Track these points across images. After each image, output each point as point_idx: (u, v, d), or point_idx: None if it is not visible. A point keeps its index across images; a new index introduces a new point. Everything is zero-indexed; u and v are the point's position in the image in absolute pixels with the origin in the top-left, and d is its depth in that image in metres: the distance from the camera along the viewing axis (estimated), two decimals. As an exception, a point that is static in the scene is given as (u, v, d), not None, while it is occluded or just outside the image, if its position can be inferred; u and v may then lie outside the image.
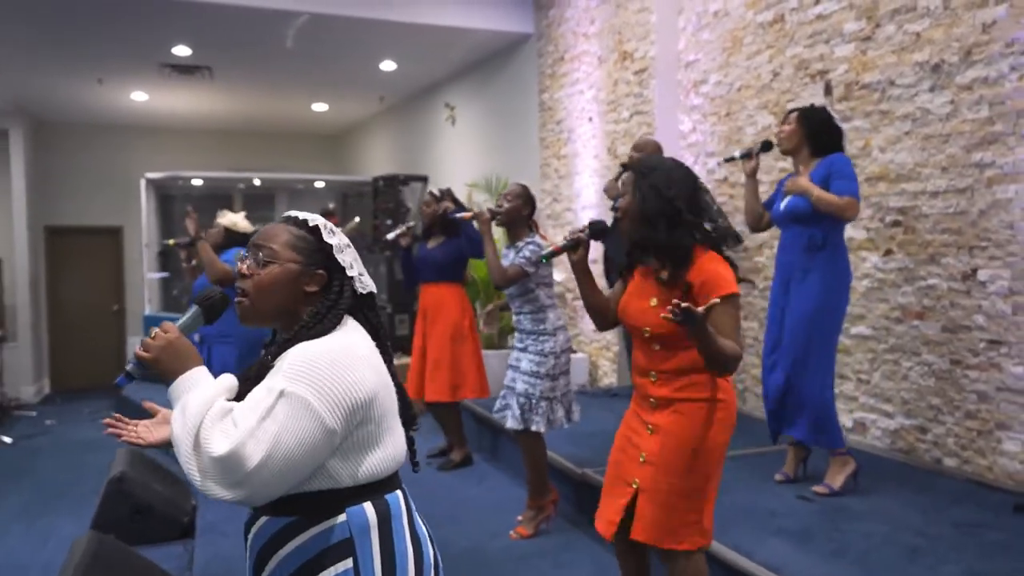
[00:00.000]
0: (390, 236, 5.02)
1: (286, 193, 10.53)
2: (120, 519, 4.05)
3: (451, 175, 8.62)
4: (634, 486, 2.23)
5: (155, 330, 1.46)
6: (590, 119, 6.52)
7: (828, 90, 4.35)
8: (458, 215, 3.99)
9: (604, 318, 2.42)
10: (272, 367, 1.41)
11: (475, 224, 3.73)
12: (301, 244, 1.51)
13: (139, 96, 8.85)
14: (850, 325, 4.18)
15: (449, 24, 6.86)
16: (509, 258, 3.61)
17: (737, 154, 3.76)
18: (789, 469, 3.65)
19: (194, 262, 5.59)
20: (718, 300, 1.94)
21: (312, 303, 1.50)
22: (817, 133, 3.44)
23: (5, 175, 9.19)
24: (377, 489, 1.45)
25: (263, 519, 1.45)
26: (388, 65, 8.07)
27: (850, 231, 4.18)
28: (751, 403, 5.05)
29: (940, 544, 2.89)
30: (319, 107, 9.88)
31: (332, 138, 11.89)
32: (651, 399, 2.25)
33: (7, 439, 7.17)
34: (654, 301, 2.20)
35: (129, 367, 1.46)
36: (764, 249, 4.90)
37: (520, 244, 3.58)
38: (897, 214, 3.99)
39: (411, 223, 5.25)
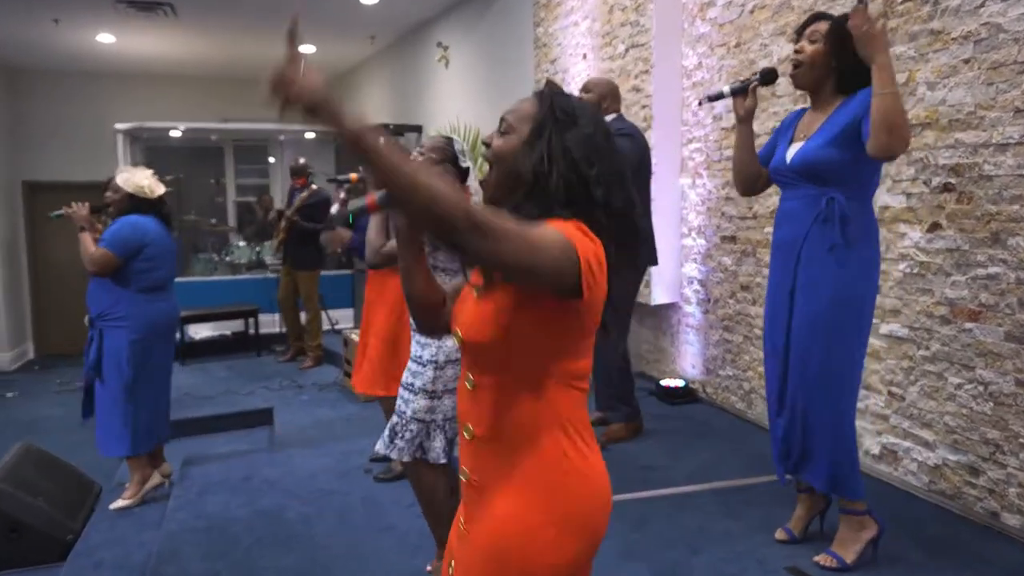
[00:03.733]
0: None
1: (279, 145, 9.72)
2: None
3: (446, 123, 7.69)
4: None
5: None
6: (584, 56, 5.47)
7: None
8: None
9: (432, 317, 1.48)
10: None
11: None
12: None
13: (105, 38, 8.09)
14: (880, 321, 3.16)
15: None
16: None
17: (726, 89, 2.65)
18: (796, 524, 2.69)
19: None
20: None
21: None
22: (856, 59, 2.32)
23: (-33, 125, 8.58)
24: None
25: None
26: (370, -2, 7.12)
27: (884, 196, 3.14)
28: (759, 407, 4.08)
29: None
30: (306, 49, 8.98)
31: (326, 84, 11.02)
32: (463, 471, 1.36)
33: (-45, 414, 6.65)
34: (477, 292, 1.32)
35: None
36: (778, 217, 3.86)
37: None
38: (948, 175, 2.92)
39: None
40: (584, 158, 1.27)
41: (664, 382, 4.60)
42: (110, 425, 3.83)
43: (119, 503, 3.93)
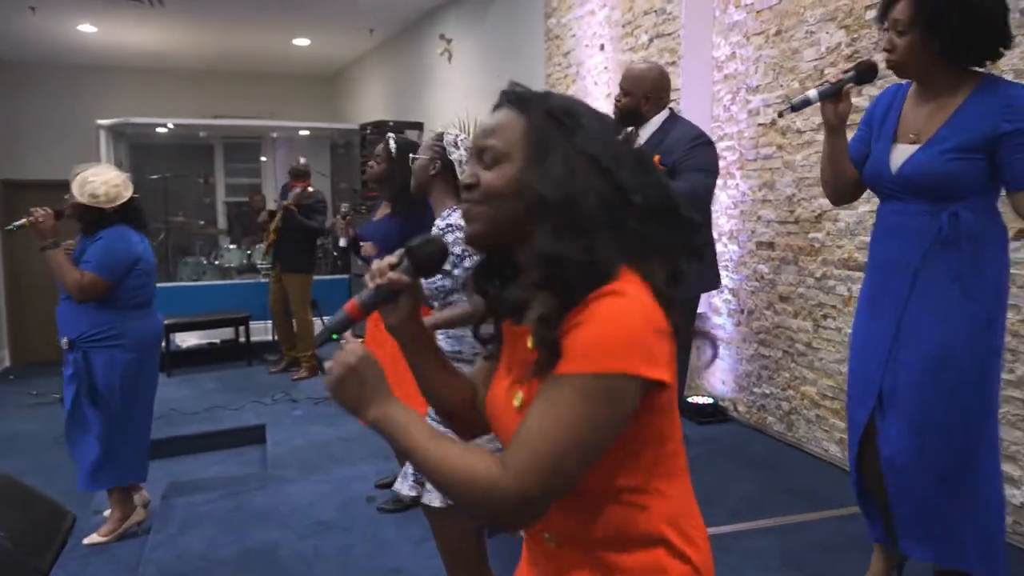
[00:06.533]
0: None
1: (272, 143, 9.32)
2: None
3: (449, 120, 7.31)
4: None
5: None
6: (601, 47, 5.10)
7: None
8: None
9: (466, 423, 1.18)
10: None
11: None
12: None
13: (86, 28, 7.67)
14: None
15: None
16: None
17: (812, 94, 2.06)
18: None
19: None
20: None
21: None
22: (957, 32, 1.87)
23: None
24: None
25: None
26: (367, -13, 6.75)
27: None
28: (800, 430, 3.71)
29: None
30: (301, 42, 8.60)
31: (323, 80, 10.64)
32: None
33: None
34: (519, 398, 1.00)
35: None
36: (824, 222, 3.50)
37: (440, 224, 2.28)
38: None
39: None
40: (611, 159, 0.98)
41: (691, 399, 4.24)
42: (96, 455, 3.40)
43: (93, 538, 3.54)
